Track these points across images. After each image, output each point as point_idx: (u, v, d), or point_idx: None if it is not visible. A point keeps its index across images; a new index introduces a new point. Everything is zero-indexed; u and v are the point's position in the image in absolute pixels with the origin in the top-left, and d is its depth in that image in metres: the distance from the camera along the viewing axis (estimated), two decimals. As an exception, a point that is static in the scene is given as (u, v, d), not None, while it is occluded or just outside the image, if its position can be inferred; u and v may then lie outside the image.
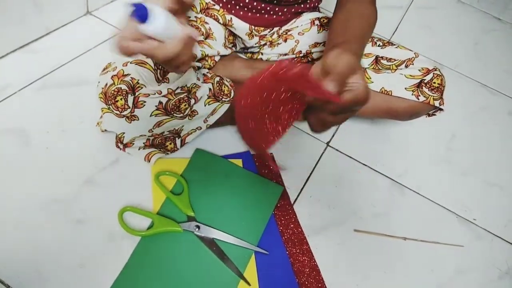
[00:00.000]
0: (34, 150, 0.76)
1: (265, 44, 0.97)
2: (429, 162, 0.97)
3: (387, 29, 1.36)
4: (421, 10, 1.50)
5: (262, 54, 1.03)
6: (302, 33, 0.90)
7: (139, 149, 0.78)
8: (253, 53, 1.05)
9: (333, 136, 0.95)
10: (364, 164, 0.91)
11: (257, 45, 0.96)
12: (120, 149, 0.77)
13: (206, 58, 0.85)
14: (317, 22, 0.94)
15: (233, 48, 0.97)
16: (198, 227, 0.70)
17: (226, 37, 0.90)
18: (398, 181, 0.90)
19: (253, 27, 0.89)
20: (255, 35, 0.92)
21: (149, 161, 0.77)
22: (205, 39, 0.84)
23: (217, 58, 0.88)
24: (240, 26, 0.89)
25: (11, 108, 0.81)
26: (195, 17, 0.85)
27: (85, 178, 0.74)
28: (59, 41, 0.97)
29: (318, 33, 0.92)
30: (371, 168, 0.91)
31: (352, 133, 0.96)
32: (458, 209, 0.88)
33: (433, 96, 0.80)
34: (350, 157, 0.92)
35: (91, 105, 0.80)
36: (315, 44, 0.91)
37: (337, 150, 0.92)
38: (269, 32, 0.91)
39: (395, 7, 1.48)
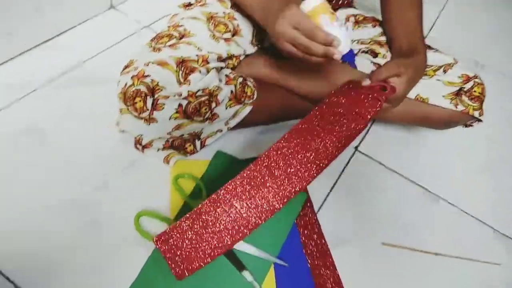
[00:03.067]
0: (52, 150, 0.75)
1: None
2: (466, 170, 0.90)
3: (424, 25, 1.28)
4: (460, 5, 1.41)
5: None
6: None
7: (157, 150, 0.75)
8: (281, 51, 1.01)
9: (362, 140, 0.90)
10: (394, 171, 0.86)
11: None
12: (139, 150, 0.75)
13: (232, 57, 0.81)
14: (352, 19, 0.89)
15: (259, 46, 0.93)
16: (216, 235, 0.67)
17: (254, 34, 0.86)
18: (431, 190, 0.84)
19: None
20: None
21: (168, 163, 0.75)
22: (232, 36, 0.81)
23: (242, 57, 0.84)
24: None
25: (30, 106, 0.81)
26: (224, 12, 0.81)
27: (103, 179, 0.73)
28: (82, 37, 0.96)
29: (353, 30, 0.87)
30: (402, 176, 0.85)
31: (382, 138, 0.91)
32: (495, 224, 0.82)
33: (473, 105, 0.74)
34: (380, 163, 0.87)
35: (112, 104, 0.77)
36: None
37: (366, 155, 0.87)
38: None
39: (432, 1, 1.39)
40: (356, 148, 0.88)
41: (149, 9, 1.07)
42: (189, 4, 0.85)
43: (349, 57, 0.65)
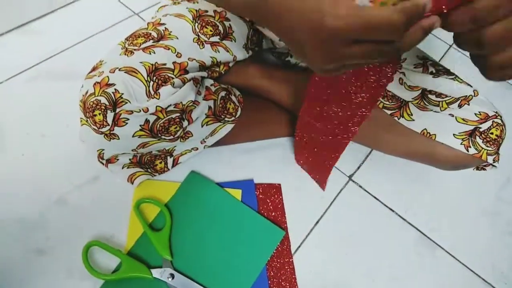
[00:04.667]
0: (8, 156, 0.68)
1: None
2: (468, 214, 0.79)
3: (441, 46, 1.14)
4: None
5: (291, 56, 0.88)
6: None
7: (123, 167, 0.67)
8: (281, 53, 0.90)
9: (358, 168, 0.80)
10: (390, 209, 0.76)
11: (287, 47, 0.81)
12: (103, 164, 0.67)
13: (219, 64, 0.71)
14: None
15: (257, 49, 0.83)
16: (173, 276, 0.59)
17: (250, 37, 0.75)
18: (429, 236, 0.74)
19: None
20: None
21: (132, 183, 0.67)
22: (221, 40, 0.70)
23: (231, 64, 0.74)
24: None
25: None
26: (215, 11, 0.70)
27: (58, 196, 0.65)
28: (63, 21, 0.87)
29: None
30: (399, 215, 0.76)
31: (381, 169, 0.80)
32: (495, 280, 0.72)
33: (487, 150, 0.63)
34: (375, 197, 0.77)
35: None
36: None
37: (360, 186, 0.78)
38: None
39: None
40: (350, 177, 0.78)
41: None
42: (178, -3, 0.75)
43: None
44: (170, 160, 0.70)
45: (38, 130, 0.71)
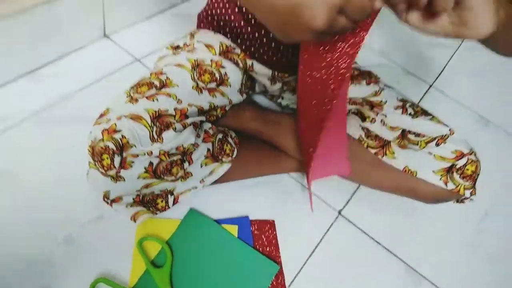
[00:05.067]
0: (19, 196, 0.72)
1: (287, 90, 0.89)
2: (451, 246, 0.84)
3: (431, 71, 1.23)
4: (473, 52, 1.34)
5: (282, 98, 0.95)
6: None
7: (126, 206, 0.71)
8: (273, 95, 0.97)
9: (347, 203, 0.85)
10: (378, 242, 0.81)
11: (278, 90, 0.88)
12: (108, 203, 0.71)
13: (216, 108, 0.77)
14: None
15: (250, 92, 0.89)
16: (174, 311, 0.63)
17: (244, 82, 0.82)
18: (415, 268, 0.78)
19: (276, 72, 0.81)
20: (278, 80, 0.84)
21: (135, 222, 0.71)
22: (218, 86, 0.77)
23: (228, 107, 0.81)
24: (262, 72, 0.81)
25: (2, 146, 0.77)
26: (211, 60, 0.77)
27: (65, 234, 0.69)
28: (70, 67, 0.93)
29: (345, 85, 0.82)
30: (387, 249, 0.80)
31: (369, 202, 0.85)
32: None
33: (464, 184, 0.69)
34: (364, 232, 0.81)
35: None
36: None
37: (349, 221, 0.82)
38: (293, 78, 0.82)
39: (443, 45, 1.33)
40: (339, 212, 0.83)
41: (143, 40, 1.04)
42: (177, 47, 0.81)
43: None
44: (170, 199, 0.74)
45: (47, 172, 0.75)
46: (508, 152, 1.07)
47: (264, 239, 0.75)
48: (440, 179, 0.70)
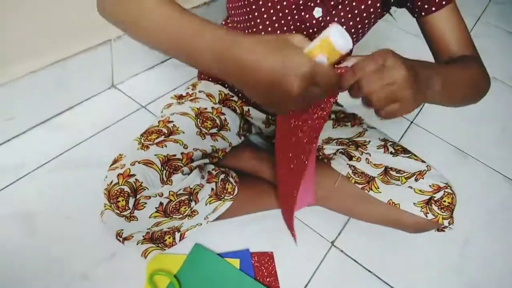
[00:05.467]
0: (38, 238, 0.78)
1: (280, 131, 0.98)
2: (438, 272, 0.91)
3: (404, 123, 1.30)
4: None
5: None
6: None
7: (137, 243, 0.78)
8: (268, 136, 1.06)
9: (339, 234, 0.92)
10: (369, 271, 0.87)
11: (272, 131, 0.96)
12: (120, 242, 0.78)
13: (217, 151, 0.86)
14: (333, 116, 0.93)
15: (247, 134, 0.98)
16: None
17: (241, 126, 0.91)
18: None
19: (270, 116, 0.90)
20: (272, 123, 0.93)
21: (146, 258, 0.77)
22: (219, 131, 0.85)
23: (228, 149, 0.89)
24: (257, 116, 0.90)
25: (22, 191, 0.84)
26: (212, 107, 0.86)
27: (81, 272, 0.75)
28: (82, 116, 1.01)
29: (332, 128, 0.91)
30: (377, 277, 0.87)
31: (360, 232, 0.92)
32: None
33: (442, 215, 0.77)
34: (356, 261, 0.88)
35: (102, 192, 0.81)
36: (328, 140, 0.91)
37: (342, 251, 0.89)
38: None
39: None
40: (332, 243, 0.90)
41: (147, 89, 1.13)
42: (181, 96, 0.90)
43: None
44: (177, 235, 0.81)
45: (63, 214, 0.82)
46: (484, 182, 1.16)
47: (264, 271, 0.82)
48: (421, 210, 0.78)
